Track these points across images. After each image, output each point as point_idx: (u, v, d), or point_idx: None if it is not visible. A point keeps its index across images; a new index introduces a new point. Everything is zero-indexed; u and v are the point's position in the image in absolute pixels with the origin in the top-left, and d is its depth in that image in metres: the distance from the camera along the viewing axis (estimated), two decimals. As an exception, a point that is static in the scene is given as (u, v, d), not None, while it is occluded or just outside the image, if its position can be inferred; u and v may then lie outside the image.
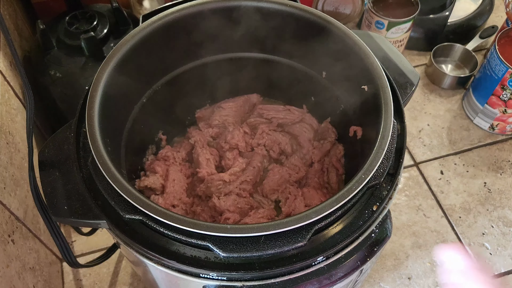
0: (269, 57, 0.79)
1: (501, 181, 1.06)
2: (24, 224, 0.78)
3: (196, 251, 0.51)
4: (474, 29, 1.28)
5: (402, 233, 0.99)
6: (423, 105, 1.20)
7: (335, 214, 0.52)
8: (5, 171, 0.73)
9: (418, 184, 1.06)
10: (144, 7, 1.13)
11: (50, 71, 0.90)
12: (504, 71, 1.00)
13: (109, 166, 0.53)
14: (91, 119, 0.57)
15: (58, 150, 0.61)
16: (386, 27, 1.15)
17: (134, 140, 0.72)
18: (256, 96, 0.87)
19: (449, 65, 1.26)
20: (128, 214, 0.52)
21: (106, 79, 0.61)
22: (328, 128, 0.80)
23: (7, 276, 0.68)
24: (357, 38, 0.65)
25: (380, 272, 0.94)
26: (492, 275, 0.78)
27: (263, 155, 0.81)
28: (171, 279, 0.58)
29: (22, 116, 0.86)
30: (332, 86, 0.75)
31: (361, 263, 0.57)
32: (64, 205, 0.56)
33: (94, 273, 0.94)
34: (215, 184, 0.75)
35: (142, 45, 0.66)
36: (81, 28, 0.91)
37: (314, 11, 0.68)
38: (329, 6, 1.27)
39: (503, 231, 0.99)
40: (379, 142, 0.55)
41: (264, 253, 0.49)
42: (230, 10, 0.70)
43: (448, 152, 1.11)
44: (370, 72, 0.62)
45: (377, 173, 0.55)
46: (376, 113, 0.59)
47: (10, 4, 0.95)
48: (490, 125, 1.12)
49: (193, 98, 0.84)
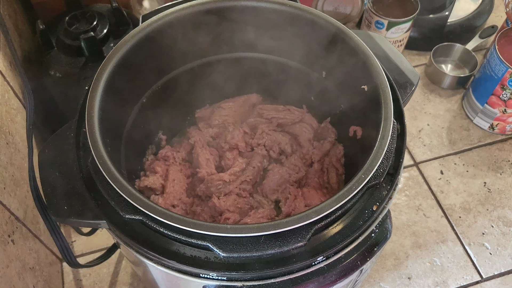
0: (269, 57, 0.79)
1: (501, 181, 1.06)
2: (24, 224, 0.78)
3: (196, 251, 0.51)
4: (474, 29, 1.28)
5: (402, 233, 0.99)
6: (423, 105, 1.20)
7: (335, 214, 0.52)
8: (5, 171, 0.73)
9: (418, 184, 1.06)
10: (144, 7, 1.13)
11: (50, 71, 0.90)
12: (504, 71, 1.00)
13: (109, 166, 0.53)
14: (91, 119, 0.57)
15: (58, 150, 0.61)
16: (386, 27, 1.15)
17: (134, 140, 0.72)
18: (256, 96, 0.87)
19: (449, 65, 1.26)
20: (128, 214, 0.52)
21: (106, 79, 0.61)
22: (328, 128, 0.80)
23: (7, 276, 0.68)
24: (357, 38, 0.65)
25: (380, 272, 0.94)
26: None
27: (263, 155, 0.81)
28: (171, 279, 0.58)
29: (22, 116, 0.86)
30: (332, 86, 0.75)
31: (361, 263, 0.57)
32: (64, 205, 0.56)
33: (94, 273, 0.94)
34: (215, 184, 0.75)
35: (142, 45, 0.66)
36: (81, 28, 0.91)
37: (313, 11, 0.68)
38: (329, 6, 1.27)
39: (503, 231, 0.99)
40: (379, 142, 0.55)
41: (264, 253, 0.49)
42: (229, 10, 0.70)
43: (448, 152, 1.11)
44: (370, 72, 0.62)
45: (377, 173, 0.55)
46: (376, 113, 0.59)
47: (10, 4, 0.95)
48: (490, 125, 1.12)
49: (193, 98, 0.84)
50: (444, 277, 0.93)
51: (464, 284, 0.93)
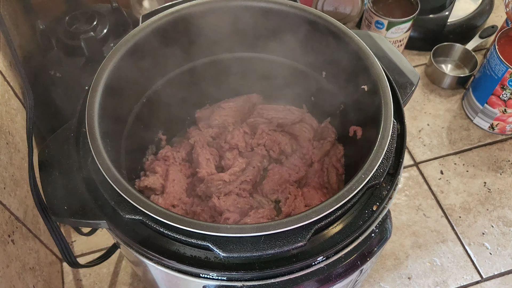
0: (268, 57, 0.79)
1: (501, 180, 1.06)
2: (24, 224, 0.78)
3: (196, 251, 0.51)
4: (474, 29, 1.28)
5: (402, 233, 0.99)
6: (423, 105, 1.20)
7: (335, 214, 0.52)
8: (5, 171, 0.73)
9: (418, 184, 1.06)
10: (144, 7, 1.13)
11: (50, 71, 0.90)
12: (504, 70, 1.00)
13: (109, 166, 0.53)
14: (91, 119, 0.57)
15: (58, 150, 0.61)
16: (386, 27, 1.15)
17: (134, 140, 0.72)
18: (256, 96, 0.87)
19: (449, 65, 1.26)
20: (128, 214, 0.52)
21: (106, 79, 0.61)
22: (328, 128, 0.81)
23: (7, 276, 0.68)
24: (357, 38, 0.65)
25: (380, 272, 0.94)
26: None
27: (263, 155, 0.81)
28: (171, 279, 0.58)
29: (22, 116, 0.86)
30: (332, 86, 0.76)
31: (361, 263, 0.57)
32: (64, 205, 0.56)
33: (94, 273, 0.94)
34: (215, 184, 0.75)
35: (142, 45, 0.66)
36: (81, 28, 0.91)
37: (313, 11, 0.68)
38: (329, 6, 1.27)
39: (503, 231, 0.99)
40: (379, 142, 0.55)
41: (264, 253, 0.49)
42: (229, 10, 0.70)
43: (448, 152, 1.11)
44: (370, 72, 0.62)
45: (377, 173, 0.55)
46: (376, 113, 0.59)
47: (10, 4, 0.95)
48: (490, 125, 1.12)
49: (193, 98, 0.84)
50: (444, 277, 0.93)
51: (464, 284, 0.93)
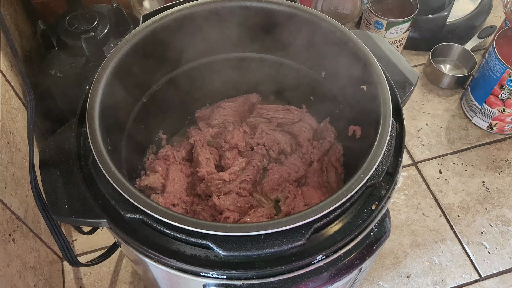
0: (268, 57, 0.80)
1: (499, 180, 1.07)
2: (24, 223, 0.78)
3: (196, 250, 0.51)
4: (473, 29, 1.28)
5: (401, 232, 0.99)
6: (422, 105, 1.20)
7: (334, 213, 0.52)
8: (6, 171, 0.74)
9: (417, 183, 1.06)
10: (144, 7, 1.13)
11: (50, 71, 0.91)
12: (503, 70, 1.01)
13: (109, 166, 0.53)
14: (92, 119, 0.57)
15: (58, 149, 0.61)
16: (385, 27, 1.15)
17: (135, 140, 0.72)
18: (256, 96, 0.87)
19: (447, 65, 1.27)
20: (128, 213, 0.52)
21: (107, 79, 0.61)
22: (327, 128, 0.81)
23: (8, 275, 0.68)
24: (356, 38, 0.65)
25: (379, 271, 0.94)
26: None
27: (262, 154, 0.82)
28: (171, 278, 0.58)
29: (22, 116, 0.86)
30: (331, 86, 0.76)
31: (360, 262, 0.57)
32: (64, 204, 0.57)
33: (94, 272, 0.94)
34: (215, 183, 0.75)
35: (143, 45, 0.67)
36: (82, 28, 0.92)
37: (313, 11, 0.69)
38: (328, 6, 1.27)
39: (502, 230, 0.99)
40: (378, 142, 0.55)
41: (264, 252, 0.49)
42: (229, 10, 0.71)
43: (447, 152, 1.11)
44: (369, 72, 0.63)
45: (376, 172, 0.55)
46: (375, 113, 0.59)
47: (10, 4, 0.95)
48: (489, 124, 1.12)
49: (193, 98, 0.84)
50: (442, 276, 0.94)
51: (463, 283, 0.93)
